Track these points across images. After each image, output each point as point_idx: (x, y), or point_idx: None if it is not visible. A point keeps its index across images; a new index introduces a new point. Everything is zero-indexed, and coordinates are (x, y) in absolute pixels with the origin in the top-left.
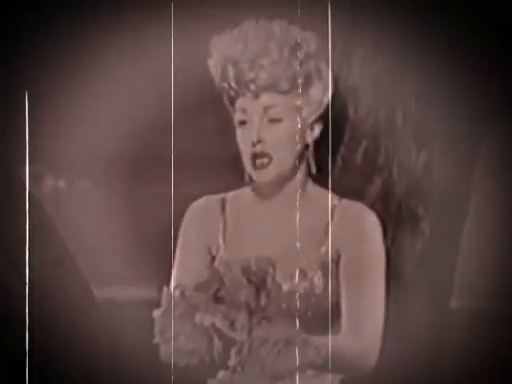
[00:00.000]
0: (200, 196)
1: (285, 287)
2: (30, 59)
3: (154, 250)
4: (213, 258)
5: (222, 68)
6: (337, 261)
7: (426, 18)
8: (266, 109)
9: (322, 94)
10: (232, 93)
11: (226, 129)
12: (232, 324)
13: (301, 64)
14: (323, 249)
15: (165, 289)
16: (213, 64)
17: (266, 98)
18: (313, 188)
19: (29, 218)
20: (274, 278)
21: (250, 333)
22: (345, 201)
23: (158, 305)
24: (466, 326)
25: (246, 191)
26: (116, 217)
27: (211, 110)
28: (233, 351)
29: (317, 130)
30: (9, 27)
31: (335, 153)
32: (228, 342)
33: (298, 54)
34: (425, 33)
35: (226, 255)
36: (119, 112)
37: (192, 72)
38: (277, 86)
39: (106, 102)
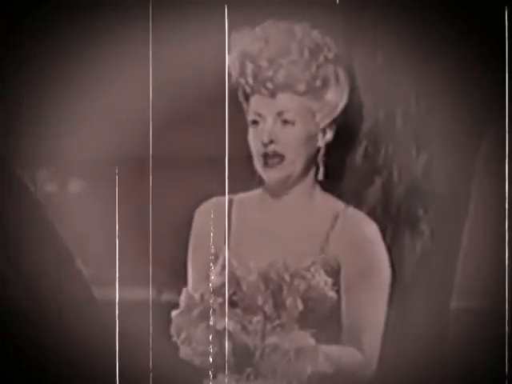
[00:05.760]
0: (202, 197)
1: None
2: (29, 59)
3: (155, 251)
4: (218, 261)
5: (240, 63)
6: (337, 270)
7: (425, 17)
8: (280, 112)
9: (338, 99)
10: (248, 89)
11: (234, 129)
12: (245, 328)
13: (319, 67)
14: (323, 255)
15: (184, 290)
16: (231, 59)
17: (281, 99)
18: (320, 194)
19: (29, 218)
20: (290, 286)
21: (263, 338)
22: (350, 209)
23: (157, 305)
24: (466, 326)
25: (255, 194)
26: (116, 217)
27: (217, 111)
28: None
29: (329, 134)
30: (8, 28)
31: (344, 159)
32: (239, 347)
33: (319, 56)
34: (425, 33)
35: (231, 258)
36: (121, 112)
37: (203, 70)
38: (293, 87)
39: (108, 101)
